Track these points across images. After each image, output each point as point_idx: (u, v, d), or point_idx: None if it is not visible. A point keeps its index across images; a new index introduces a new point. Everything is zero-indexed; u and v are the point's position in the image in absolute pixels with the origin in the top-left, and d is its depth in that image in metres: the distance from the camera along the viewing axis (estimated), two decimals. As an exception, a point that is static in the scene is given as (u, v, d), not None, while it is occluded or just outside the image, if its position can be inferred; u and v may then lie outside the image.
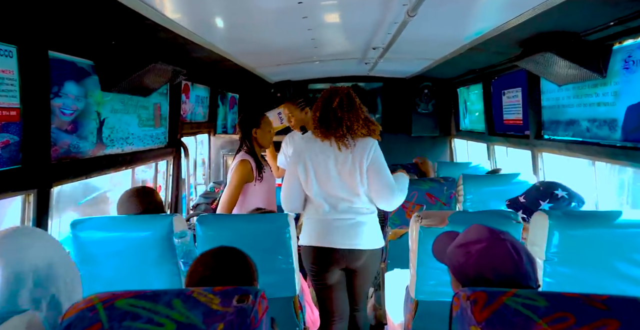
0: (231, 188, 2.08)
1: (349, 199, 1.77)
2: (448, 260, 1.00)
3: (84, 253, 1.45)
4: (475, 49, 2.27)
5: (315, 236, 1.81)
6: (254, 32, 1.98)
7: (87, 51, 1.58)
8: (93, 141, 1.70)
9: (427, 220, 1.46)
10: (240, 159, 2.13)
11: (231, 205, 2.07)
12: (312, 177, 1.76)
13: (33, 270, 0.78)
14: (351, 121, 1.74)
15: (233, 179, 2.09)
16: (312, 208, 1.83)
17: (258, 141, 2.22)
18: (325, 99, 1.78)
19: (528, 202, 1.61)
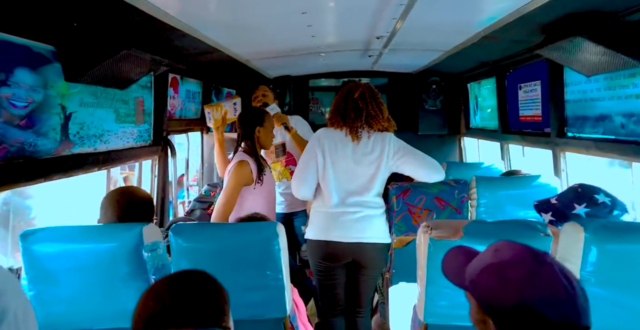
0: (228, 192, 1.88)
1: (359, 191, 1.82)
2: (471, 284, 0.80)
3: (38, 269, 1.25)
4: (490, 38, 2.04)
5: (323, 230, 1.83)
6: (242, 16, 1.77)
7: (44, 34, 1.37)
8: (56, 139, 1.49)
9: (437, 231, 1.25)
10: (239, 159, 1.94)
11: (228, 211, 1.87)
12: (329, 165, 1.81)
13: None
14: (375, 111, 1.80)
15: (230, 182, 1.90)
16: (321, 200, 1.85)
17: (260, 141, 2.03)
18: (347, 90, 1.83)
19: (561, 204, 1.39)
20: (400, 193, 2.02)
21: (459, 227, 1.23)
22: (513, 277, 0.72)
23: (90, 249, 1.26)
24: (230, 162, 2.04)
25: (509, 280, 0.72)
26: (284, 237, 1.39)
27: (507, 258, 0.76)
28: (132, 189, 1.49)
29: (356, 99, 1.80)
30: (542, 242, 1.12)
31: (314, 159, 1.82)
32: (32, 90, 1.36)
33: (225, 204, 1.87)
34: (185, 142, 3.06)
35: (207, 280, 0.85)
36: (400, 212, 2.04)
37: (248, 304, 1.35)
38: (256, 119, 2.03)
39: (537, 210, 1.45)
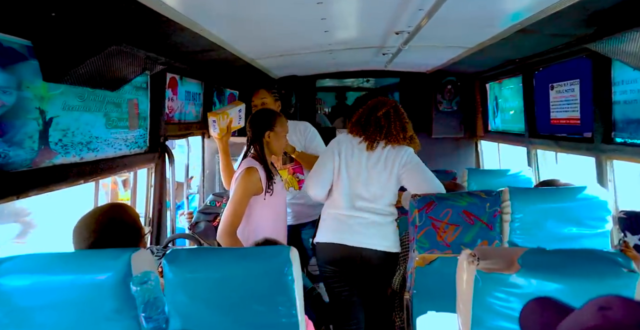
0: (235, 202, 1.71)
1: (370, 198, 1.85)
2: None
3: (7, 307, 1.04)
4: (525, 32, 1.82)
5: (332, 232, 1.86)
6: (249, 9, 1.56)
7: (16, 26, 1.16)
8: (33, 148, 1.28)
9: (486, 263, 1.03)
10: (246, 166, 1.78)
11: (236, 224, 1.70)
12: (344, 169, 1.85)
13: None
14: (397, 131, 1.86)
15: (238, 191, 1.73)
16: (332, 202, 1.89)
17: (270, 146, 1.87)
18: (372, 107, 1.89)
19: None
20: (423, 206, 1.81)
21: (513, 257, 1.02)
22: None
23: (70, 281, 1.06)
24: (238, 169, 1.85)
25: None
26: (298, 264, 1.17)
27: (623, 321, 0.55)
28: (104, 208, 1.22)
29: (379, 117, 1.87)
30: (627, 280, 0.90)
31: (331, 160, 1.87)
32: (2, 91, 1.15)
33: (232, 216, 1.70)
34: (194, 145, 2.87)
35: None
36: (423, 226, 1.83)
37: (257, 344, 1.15)
38: (266, 122, 1.86)
39: (621, 226, 1.20)
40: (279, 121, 1.89)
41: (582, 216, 1.67)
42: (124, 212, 1.22)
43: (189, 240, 2.32)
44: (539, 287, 0.97)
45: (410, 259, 1.95)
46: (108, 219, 1.18)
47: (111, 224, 1.18)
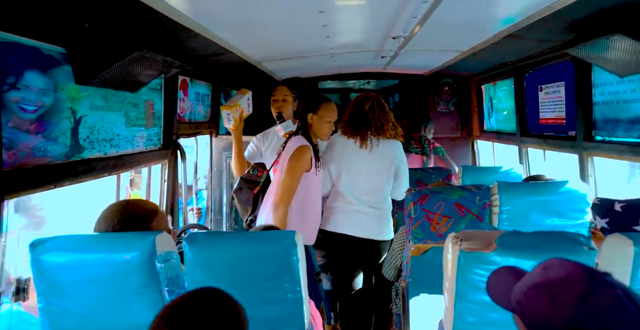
0: (292, 177, 1.87)
1: (370, 193, 2.07)
2: (517, 305, 0.74)
3: (48, 281, 1.19)
4: (512, 37, 1.96)
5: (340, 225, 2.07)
6: (257, 16, 1.71)
7: (54, 35, 1.32)
8: (66, 143, 1.44)
9: (468, 243, 1.17)
10: (300, 144, 1.93)
11: (290, 197, 1.88)
12: (343, 170, 2.05)
13: None
14: (382, 122, 2.04)
15: (294, 167, 1.87)
16: (336, 198, 2.10)
17: (313, 128, 2.00)
18: (357, 103, 2.07)
19: (625, 214, 1.24)
20: (418, 199, 1.95)
21: (491, 238, 1.16)
22: (563, 297, 0.66)
23: (102, 259, 1.20)
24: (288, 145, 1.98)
25: (558, 300, 0.66)
26: (302, 246, 1.32)
27: (558, 276, 0.70)
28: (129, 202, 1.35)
29: (367, 111, 2.05)
30: (585, 257, 1.04)
31: (326, 167, 2.06)
32: (42, 93, 1.30)
33: (288, 190, 1.86)
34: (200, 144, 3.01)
35: (224, 300, 0.79)
36: (417, 218, 1.96)
37: (265, 318, 1.29)
38: (311, 105, 1.99)
39: (593, 210, 1.33)
40: (324, 106, 1.98)
41: (563, 208, 1.81)
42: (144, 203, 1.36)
43: (199, 231, 2.46)
44: (515, 263, 1.10)
45: (405, 249, 2.09)
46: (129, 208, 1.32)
47: (132, 212, 1.32)
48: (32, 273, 1.17)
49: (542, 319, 0.67)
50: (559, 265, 0.71)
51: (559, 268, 0.71)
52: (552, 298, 0.67)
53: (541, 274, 0.73)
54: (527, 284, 0.74)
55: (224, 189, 3.10)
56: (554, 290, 0.67)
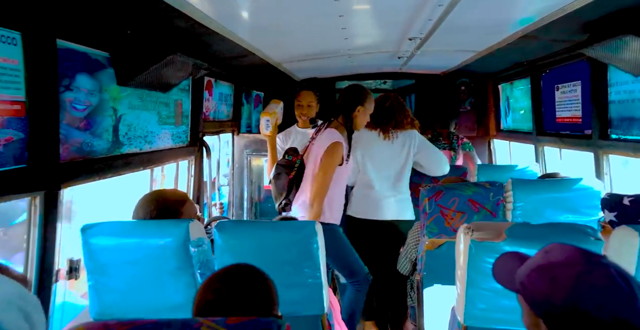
0: (326, 174, 2.02)
1: (393, 180, 2.34)
2: (521, 286, 0.80)
3: (95, 261, 1.32)
4: (527, 37, 2.00)
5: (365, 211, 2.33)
6: (280, 20, 1.82)
7: (101, 41, 1.46)
8: (109, 139, 1.58)
9: (479, 233, 1.24)
10: (335, 140, 2.01)
11: (325, 192, 2.03)
12: (368, 160, 2.31)
13: None
14: (401, 117, 2.34)
15: (328, 164, 2.00)
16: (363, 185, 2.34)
17: (356, 121, 2.08)
18: (379, 101, 2.32)
19: (633, 208, 1.28)
20: (432, 195, 2.01)
21: (502, 229, 1.22)
22: (562, 277, 0.71)
23: (142, 243, 1.33)
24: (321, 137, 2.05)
25: (558, 281, 0.72)
26: (322, 236, 1.42)
27: (558, 259, 0.76)
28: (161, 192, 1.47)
29: (387, 108, 2.34)
30: (593, 247, 1.09)
31: (354, 156, 2.23)
32: (90, 94, 1.45)
33: (324, 185, 2.00)
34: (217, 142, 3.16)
35: (257, 272, 0.90)
36: (432, 213, 2.03)
37: (287, 300, 1.37)
38: (359, 97, 2.07)
39: (602, 205, 1.39)
40: (369, 98, 2.09)
41: (577, 205, 1.85)
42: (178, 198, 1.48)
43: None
44: (525, 252, 1.17)
45: (420, 243, 2.16)
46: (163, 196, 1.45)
47: (166, 199, 1.44)
48: (82, 254, 1.32)
49: (543, 298, 0.73)
50: (559, 248, 0.78)
51: (559, 251, 0.77)
52: (551, 279, 0.72)
53: (542, 257, 0.79)
54: (530, 266, 0.80)
55: (244, 185, 3.24)
56: (554, 272, 0.73)
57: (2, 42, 1.06)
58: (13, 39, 1.09)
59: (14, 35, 1.09)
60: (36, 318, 0.66)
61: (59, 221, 1.30)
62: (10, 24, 1.08)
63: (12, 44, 1.09)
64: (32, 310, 0.66)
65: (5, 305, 0.63)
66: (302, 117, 2.45)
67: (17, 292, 0.65)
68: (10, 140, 1.10)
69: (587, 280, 0.69)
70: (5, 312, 0.62)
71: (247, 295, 0.81)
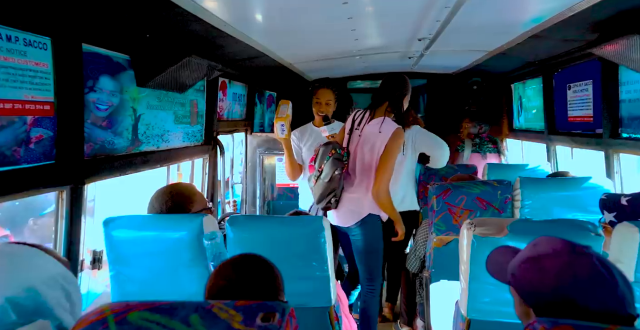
0: (392, 162, 1.94)
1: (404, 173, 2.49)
2: (512, 278, 0.84)
3: (117, 253, 1.41)
4: (537, 37, 2.00)
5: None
6: (292, 22, 1.88)
7: (122, 45, 1.55)
8: (128, 138, 1.68)
9: (482, 229, 1.27)
10: (397, 126, 1.97)
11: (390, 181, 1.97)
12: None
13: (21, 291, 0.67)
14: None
15: (393, 152, 1.94)
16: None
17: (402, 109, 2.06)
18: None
19: (631, 207, 1.30)
20: (440, 193, 2.04)
21: (504, 224, 1.25)
22: (549, 267, 0.75)
23: (159, 236, 1.41)
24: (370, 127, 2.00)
25: (545, 270, 0.75)
26: (329, 230, 1.47)
27: (545, 251, 0.79)
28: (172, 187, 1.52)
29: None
30: (593, 243, 1.12)
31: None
32: (112, 94, 1.54)
33: (389, 174, 1.94)
34: (231, 142, 3.24)
35: (264, 261, 0.96)
36: (440, 211, 2.05)
37: (296, 292, 1.43)
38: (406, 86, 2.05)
39: (601, 206, 1.40)
40: (409, 86, 2.09)
41: (586, 203, 1.84)
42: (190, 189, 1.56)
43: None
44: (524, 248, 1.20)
45: (428, 240, 2.19)
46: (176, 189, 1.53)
47: (179, 192, 1.51)
48: (104, 246, 1.40)
49: (532, 288, 0.76)
50: (547, 241, 0.81)
51: (546, 244, 0.80)
52: (539, 269, 0.76)
53: (531, 249, 0.83)
54: (520, 258, 0.84)
55: (257, 183, 3.31)
56: (541, 263, 0.76)
57: (34, 47, 1.15)
58: (44, 44, 1.19)
59: (44, 41, 1.19)
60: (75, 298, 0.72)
61: (83, 214, 1.39)
62: (41, 30, 1.17)
63: (42, 49, 1.18)
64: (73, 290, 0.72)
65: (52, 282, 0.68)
66: (319, 114, 2.42)
67: (61, 272, 0.71)
68: (41, 138, 1.20)
69: (571, 270, 0.72)
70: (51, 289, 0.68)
71: (255, 282, 0.87)
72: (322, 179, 2.01)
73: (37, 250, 0.73)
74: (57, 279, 0.70)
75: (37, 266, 0.70)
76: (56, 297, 0.68)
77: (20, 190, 1.11)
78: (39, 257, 0.72)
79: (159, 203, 1.45)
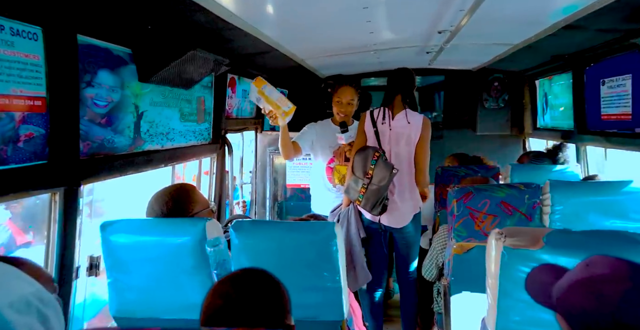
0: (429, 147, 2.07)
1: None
2: (559, 303, 0.72)
3: (115, 259, 1.33)
4: (570, 28, 1.83)
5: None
6: (303, 13, 1.76)
7: (122, 37, 1.46)
8: (130, 136, 1.59)
9: (513, 240, 1.13)
10: (424, 116, 2.14)
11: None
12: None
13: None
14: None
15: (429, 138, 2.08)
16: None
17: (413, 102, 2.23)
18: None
19: None
20: (461, 196, 1.90)
21: (539, 235, 1.11)
22: (609, 293, 0.64)
23: (160, 241, 1.32)
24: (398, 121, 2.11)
25: (604, 297, 0.64)
26: (342, 238, 1.35)
27: (602, 273, 0.67)
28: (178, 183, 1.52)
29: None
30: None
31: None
32: (112, 90, 1.45)
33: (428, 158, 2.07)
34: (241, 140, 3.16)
35: (269, 278, 0.85)
36: (461, 216, 1.91)
37: (305, 304, 1.33)
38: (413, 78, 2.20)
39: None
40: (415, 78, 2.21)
41: (627, 210, 1.67)
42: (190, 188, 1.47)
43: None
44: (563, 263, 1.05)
45: (447, 247, 2.05)
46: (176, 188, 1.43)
47: (180, 196, 1.42)
48: (102, 251, 1.32)
49: (586, 317, 0.65)
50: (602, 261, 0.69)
51: (602, 264, 0.68)
52: (596, 296, 0.65)
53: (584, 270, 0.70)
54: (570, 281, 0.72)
55: (267, 183, 3.22)
56: (598, 288, 0.65)
57: (22, 37, 1.06)
58: (34, 34, 1.10)
59: (35, 31, 1.10)
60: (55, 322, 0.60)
61: (79, 217, 1.30)
62: (31, 19, 1.08)
63: (32, 39, 1.09)
64: (52, 314, 0.59)
65: (24, 306, 0.56)
66: (340, 115, 2.30)
67: (37, 292, 0.59)
68: (31, 136, 1.11)
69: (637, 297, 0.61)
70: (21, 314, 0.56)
71: (258, 302, 0.76)
72: (377, 184, 2.01)
73: (6, 266, 0.62)
74: (31, 301, 0.58)
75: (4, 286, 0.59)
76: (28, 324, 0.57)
77: (7, 192, 1.02)
78: (6, 275, 0.61)
79: (159, 204, 1.37)
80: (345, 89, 2.28)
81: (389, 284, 3.04)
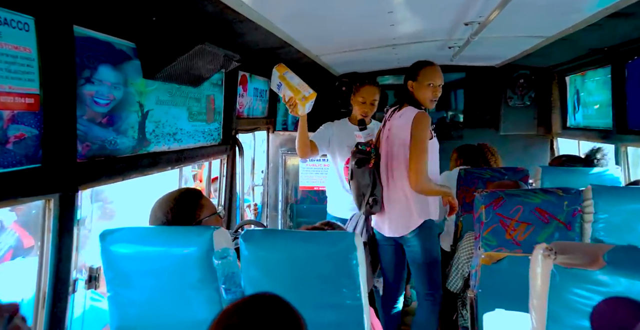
0: (424, 148, 1.80)
1: None
2: None
3: (116, 270, 1.22)
4: (616, 16, 1.65)
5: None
6: (318, 5, 1.63)
7: (124, 29, 1.35)
8: (134, 137, 1.48)
9: (565, 257, 0.98)
10: (419, 111, 1.85)
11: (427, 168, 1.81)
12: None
13: None
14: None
15: (422, 137, 1.80)
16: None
17: (416, 96, 1.93)
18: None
19: None
20: (491, 202, 1.74)
21: (598, 253, 0.95)
22: None
23: (163, 252, 1.21)
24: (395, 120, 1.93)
25: None
26: (362, 250, 1.21)
27: None
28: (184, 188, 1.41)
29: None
30: None
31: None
32: (114, 87, 1.35)
33: (425, 162, 1.79)
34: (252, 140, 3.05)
35: (283, 308, 0.72)
36: (490, 223, 1.75)
37: (321, 322, 1.20)
38: (410, 72, 1.99)
39: None
40: (423, 72, 1.94)
41: (685, 219, 1.49)
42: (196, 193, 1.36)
43: (255, 227, 2.46)
44: (629, 287, 0.90)
45: (475, 256, 1.89)
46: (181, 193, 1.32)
47: (186, 201, 1.30)
48: (102, 262, 1.21)
49: None
50: None
51: None
52: None
53: None
54: None
55: (279, 185, 3.10)
56: None
57: (12, 27, 0.96)
58: (25, 24, 0.99)
59: (26, 20, 0.99)
60: None
61: (76, 226, 1.20)
62: (23, 8, 0.98)
63: (23, 30, 0.99)
64: None
65: None
66: (362, 115, 2.19)
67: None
68: (22, 137, 1.01)
69: None
70: None
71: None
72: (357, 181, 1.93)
73: None
74: None
75: None
76: None
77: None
78: None
79: (163, 211, 1.26)
80: (369, 88, 2.19)
81: (407, 291, 2.88)
